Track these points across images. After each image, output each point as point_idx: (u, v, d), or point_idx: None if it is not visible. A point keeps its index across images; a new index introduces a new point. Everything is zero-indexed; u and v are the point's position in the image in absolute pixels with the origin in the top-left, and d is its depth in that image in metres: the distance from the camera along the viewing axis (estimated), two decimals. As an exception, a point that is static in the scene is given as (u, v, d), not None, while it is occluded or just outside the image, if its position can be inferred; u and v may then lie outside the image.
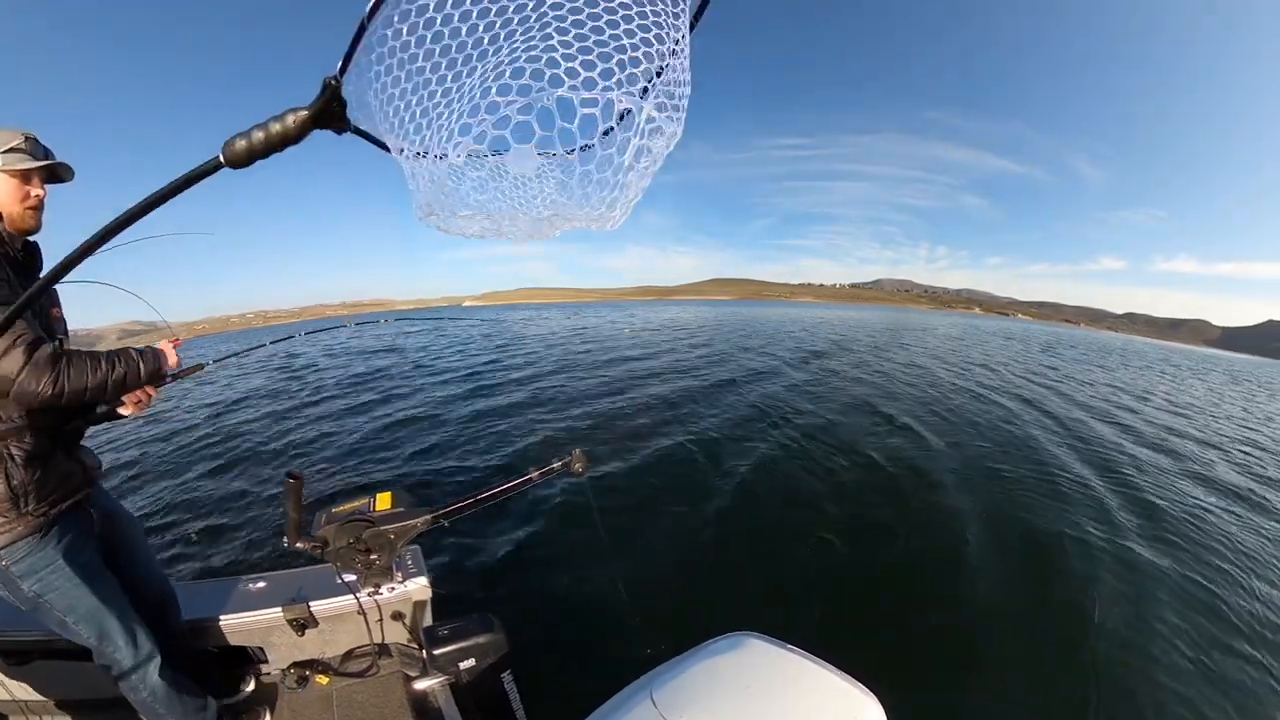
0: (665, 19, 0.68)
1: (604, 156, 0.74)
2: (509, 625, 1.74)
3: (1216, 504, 6.20)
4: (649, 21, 0.67)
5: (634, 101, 0.67)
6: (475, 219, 0.86)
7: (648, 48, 0.66)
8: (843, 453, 7.01)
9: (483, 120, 0.69)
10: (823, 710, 1.15)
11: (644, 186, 0.78)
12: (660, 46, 0.68)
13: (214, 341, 42.26)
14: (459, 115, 0.70)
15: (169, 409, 11.12)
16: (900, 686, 1.41)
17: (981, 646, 3.51)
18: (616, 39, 0.65)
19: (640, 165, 0.74)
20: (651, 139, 0.71)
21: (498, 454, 6.84)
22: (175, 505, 5.67)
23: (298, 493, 1.62)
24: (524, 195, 0.87)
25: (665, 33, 0.68)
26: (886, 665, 3.04)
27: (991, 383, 13.81)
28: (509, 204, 0.87)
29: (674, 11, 0.69)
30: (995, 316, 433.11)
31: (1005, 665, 3.35)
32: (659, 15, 0.67)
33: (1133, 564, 4.55)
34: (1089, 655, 3.47)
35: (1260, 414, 14.15)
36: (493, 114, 0.68)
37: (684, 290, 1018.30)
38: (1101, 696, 3.14)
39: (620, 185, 0.75)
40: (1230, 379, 25.94)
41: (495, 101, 0.68)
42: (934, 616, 3.78)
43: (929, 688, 3.06)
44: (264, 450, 7.58)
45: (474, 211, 0.84)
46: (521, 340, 21.95)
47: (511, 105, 0.67)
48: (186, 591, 2.18)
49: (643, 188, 0.78)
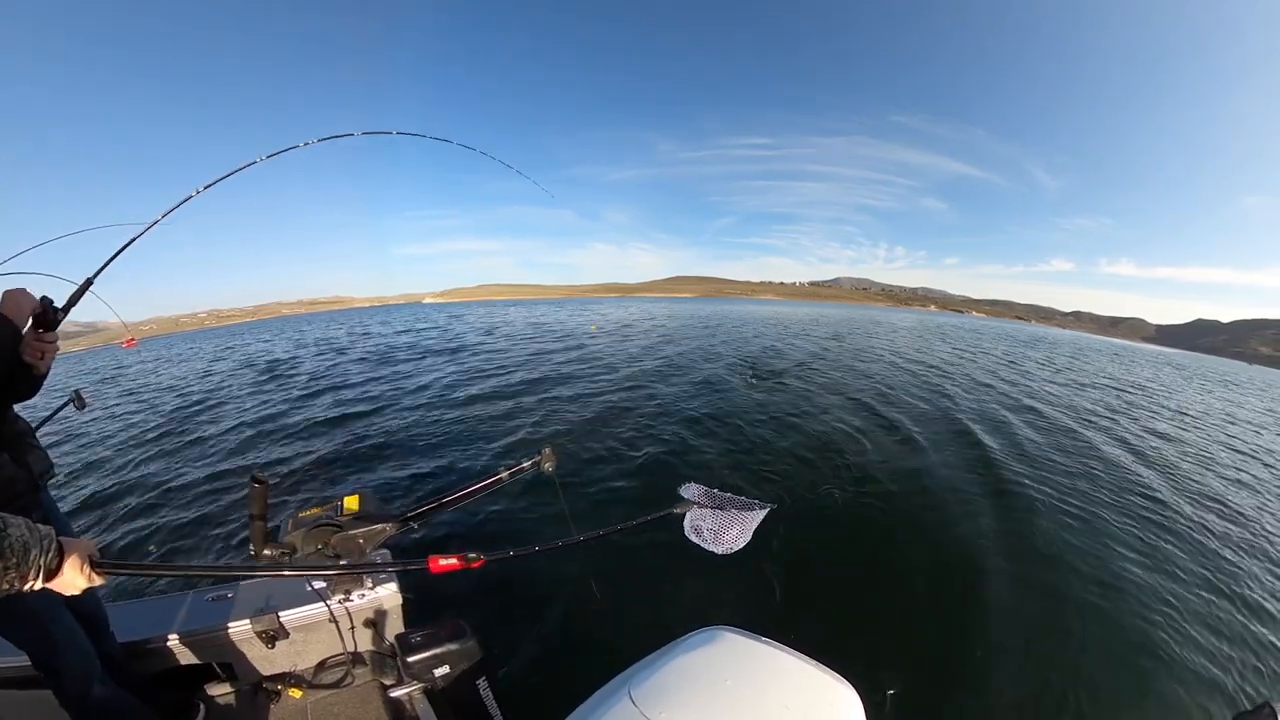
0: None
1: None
2: (482, 628, 1.73)
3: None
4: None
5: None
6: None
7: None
8: (819, 446, 7.15)
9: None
10: (801, 700, 1.18)
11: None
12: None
13: (167, 343, 40.16)
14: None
15: (128, 409, 10.57)
16: (874, 673, 1.46)
17: (958, 633, 3.65)
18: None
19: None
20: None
21: (467, 454, 6.73)
22: (131, 511, 5.40)
23: (263, 497, 1.57)
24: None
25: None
26: (863, 654, 3.16)
27: (955, 369, 14.35)
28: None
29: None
30: (950, 313, 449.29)
31: (981, 650, 3.49)
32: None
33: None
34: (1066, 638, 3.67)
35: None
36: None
37: (647, 287, 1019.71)
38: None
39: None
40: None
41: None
42: (914, 608, 3.92)
43: (905, 673, 3.17)
44: (224, 452, 7.30)
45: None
46: (485, 338, 21.63)
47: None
48: (144, 607, 2.08)
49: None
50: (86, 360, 27.98)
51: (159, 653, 2.01)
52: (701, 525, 1.72)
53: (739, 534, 1.67)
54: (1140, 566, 4.66)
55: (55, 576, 1.05)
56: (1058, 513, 5.61)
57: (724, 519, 1.71)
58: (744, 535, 1.68)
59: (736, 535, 1.67)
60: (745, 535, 1.68)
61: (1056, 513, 5.61)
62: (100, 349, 35.36)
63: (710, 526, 1.70)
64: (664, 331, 25.14)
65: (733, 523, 1.69)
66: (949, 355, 20.89)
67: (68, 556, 1.06)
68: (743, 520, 1.70)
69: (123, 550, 4.69)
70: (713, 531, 1.69)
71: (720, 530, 1.68)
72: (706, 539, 1.68)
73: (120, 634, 1.94)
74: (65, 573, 1.06)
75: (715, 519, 1.72)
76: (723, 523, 1.70)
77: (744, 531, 1.68)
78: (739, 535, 1.67)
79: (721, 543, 1.66)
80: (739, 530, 1.68)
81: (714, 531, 1.69)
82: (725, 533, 1.67)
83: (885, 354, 19.25)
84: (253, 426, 8.62)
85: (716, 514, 1.73)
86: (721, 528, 1.69)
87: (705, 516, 1.74)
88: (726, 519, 1.71)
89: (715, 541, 1.67)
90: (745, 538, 1.67)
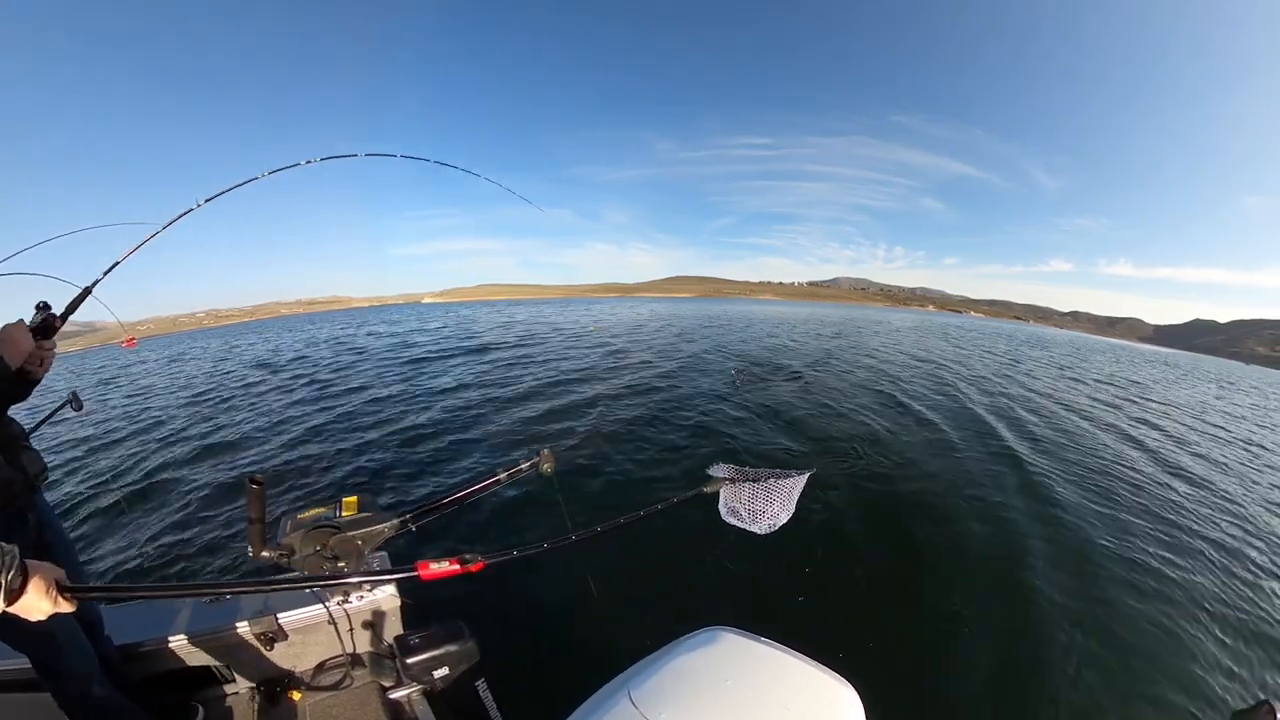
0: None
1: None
2: (481, 629, 1.72)
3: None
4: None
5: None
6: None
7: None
8: (814, 440, 7.16)
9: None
10: (802, 700, 1.17)
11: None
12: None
13: (166, 342, 40.07)
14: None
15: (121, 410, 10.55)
16: (874, 673, 1.46)
17: (953, 631, 3.65)
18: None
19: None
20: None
21: (465, 455, 6.73)
22: (128, 515, 5.38)
23: (260, 498, 1.56)
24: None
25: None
26: (861, 654, 3.16)
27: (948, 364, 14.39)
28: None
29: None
30: (949, 313, 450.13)
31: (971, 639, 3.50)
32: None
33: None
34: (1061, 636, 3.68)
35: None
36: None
37: (646, 287, 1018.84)
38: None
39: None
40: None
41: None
42: (912, 607, 3.93)
43: (901, 672, 3.17)
44: (220, 453, 7.29)
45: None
46: (484, 337, 21.61)
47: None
48: (140, 609, 2.07)
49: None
50: (87, 359, 27.91)
51: (156, 655, 2.00)
52: (738, 505, 1.61)
53: (780, 507, 1.58)
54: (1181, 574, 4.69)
55: (18, 598, 0.96)
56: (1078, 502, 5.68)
57: (761, 492, 1.60)
58: (786, 508, 1.58)
59: (778, 509, 1.57)
60: (788, 508, 1.58)
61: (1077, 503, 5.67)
62: (99, 349, 35.29)
63: (748, 504, 1.60)
64: (676, 330, 25.78)
65: (772, 495, 1.59)
66: (952, 354, 21.01)
67: (32, 577, 0.97)
68: (783, 491, 1.59)
69: (121, 550, 4.68)
70: (750, 510, 1.59)
71: (760, 507, 1.58)
72: (745, 518, 1.59)
73: (116, 636, 1.93)
74: (29, 594, 0.97)
75: (752, 493, 1.61)
76: (761, 497, 1.59)
77: (786, 503, 1.58)
78: (780, 508, 1.57)
79: (762, 519, 1.57)
80: (780, 503, 1.58)
81: (752, 510, 1.58)
82: (766, 508, 1.57)
83: (893, 353, 19.35)
84: (253, 427, 8.62)
85: (753, 488, 1.62)
86: (760, 503, 1.59)
87: (741, 493, 1.62)
88: (764, 492, 1.60)
89: (755, 519, 1.57)
90: (788, 510, 1.58)
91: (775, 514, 1.57)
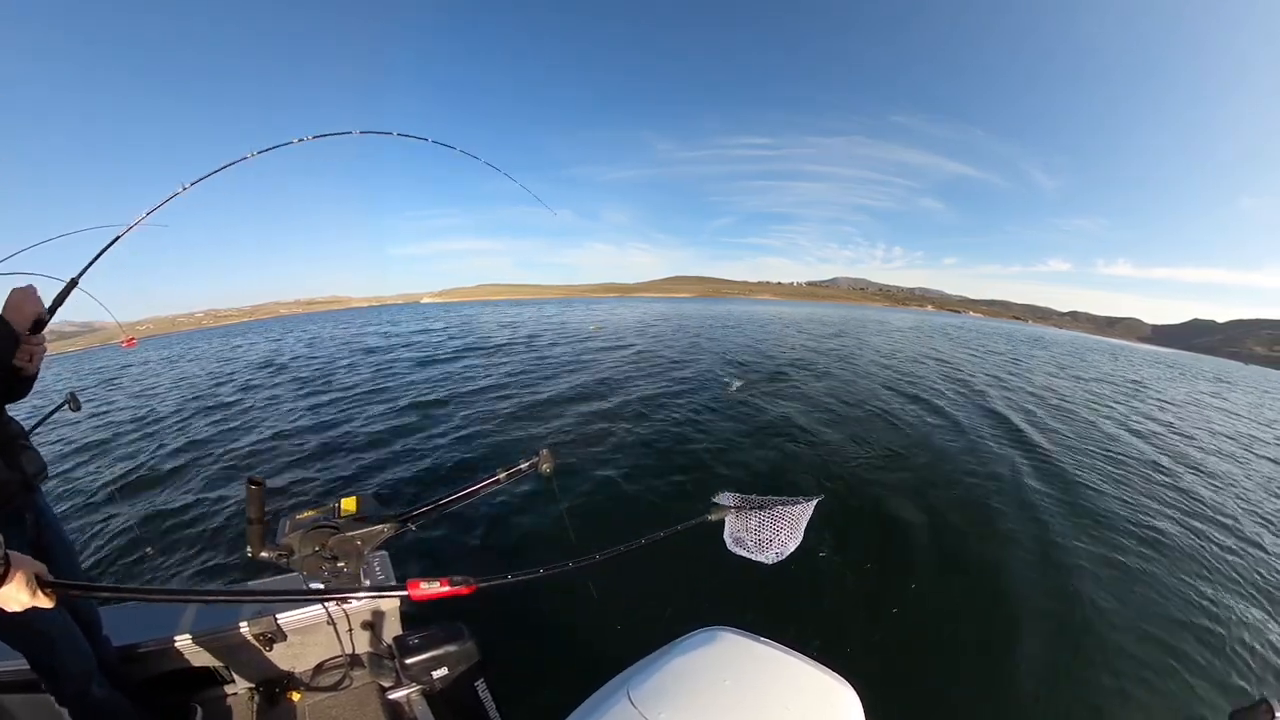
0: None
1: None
2: (480, 630, 1.72)
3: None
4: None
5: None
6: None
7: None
8: (819, 445, 7.15)
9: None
10: (801, 700, 1.17)
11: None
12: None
13: (166, 342, 40.11)
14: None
15: (117, 408, 10.54)
16: (874, 673, 1.46)
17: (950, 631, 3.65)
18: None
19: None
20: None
21: (464, 455, 6.73)
22: (129, 515, 5.38)
23: (259, 499, 1.55)
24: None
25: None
26: (861, 654, 3.16)
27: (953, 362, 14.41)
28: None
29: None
30: (948, 313, 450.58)
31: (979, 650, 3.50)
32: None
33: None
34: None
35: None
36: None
37: (646, 287, 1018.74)
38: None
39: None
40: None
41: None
42: (912, 608, 3.93)
43: (901, 674, 3.17)
44: (218, 455, 7.28)
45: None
46: (484, 337, 21.62)
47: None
48: (139, 610, 2.06)
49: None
50: (85, 360, 27.91)
51: (154, 656, 1.99)
52: (744, 535, 1.56)
53: (788, 535, 1.53)
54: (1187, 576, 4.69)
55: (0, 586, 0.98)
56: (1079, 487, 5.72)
57: (768, 520, 1.55)
58: (794, 536, 1.53)
59: (785, 537, 1.52)
60: (796, 536, 1.54)
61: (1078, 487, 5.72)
62: (98, 349, 35.28)
63: (754, 533, 1.55)
64: (687, 330, 26.15)
65: (779, 523, 1.54)
66: (950, 352, 21.02)
67: (14, 569, 0.99)
68: (790, 518, 1.54)
69: (122, 549, 4.68)
70: (757, 539, 1.53)
71: (766, 535, 1.53)
72: (751, 548, 1.53)
73: (114, 638, 1.92)
74: (10, 585, 0.98)
75: (759, 521, 1.56)
76: (768, 525, 1.54)
77: (794, 531, 1.54)
78: (788, 537, 1.53)
79: (769, 549, 1.51)
80: (788, 531, 1.53)
81: (759, 539, 1.53)
82: (773, 537, 1.52)
83: (893, 353, 19.36)
84: (253, 427, 8.62)
85: (759, 514, 1.57)
86: (767, 531, 1.54)
87: (748, 520, 1.57)
88: (771, 520, 1.55)
89: (762, 549, 1.52)
90: (796, 539, 1.54)
91: (783, 543, 1.53)
